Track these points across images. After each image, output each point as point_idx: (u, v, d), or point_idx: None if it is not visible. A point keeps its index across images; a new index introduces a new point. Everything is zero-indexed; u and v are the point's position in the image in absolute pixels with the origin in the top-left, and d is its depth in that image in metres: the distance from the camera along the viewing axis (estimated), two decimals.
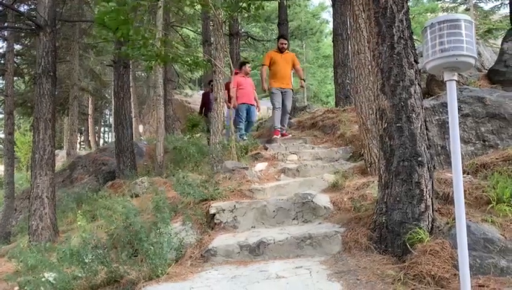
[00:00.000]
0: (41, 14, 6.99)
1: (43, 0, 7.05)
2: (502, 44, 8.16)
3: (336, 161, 6.30)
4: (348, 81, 9.31)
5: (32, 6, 14.21)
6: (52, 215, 6.87)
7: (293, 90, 8.75)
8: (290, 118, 10.02)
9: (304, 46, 30.31)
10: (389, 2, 3.27)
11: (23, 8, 14.29)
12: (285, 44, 8.46)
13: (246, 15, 9.85)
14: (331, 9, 11.07)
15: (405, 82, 3.20)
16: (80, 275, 3.73)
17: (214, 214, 4.39)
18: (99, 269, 3.71)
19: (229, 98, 8.74)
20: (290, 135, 8.45)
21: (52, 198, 6.92)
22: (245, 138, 8.71)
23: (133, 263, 3.65)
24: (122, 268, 3.62)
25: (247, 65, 9.42)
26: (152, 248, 3.39)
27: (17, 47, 15.21)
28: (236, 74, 9.38)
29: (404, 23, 3.28)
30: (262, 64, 8.60)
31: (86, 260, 3.68)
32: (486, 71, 8.32)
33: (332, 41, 10.48)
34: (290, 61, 8.37)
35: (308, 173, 5.77)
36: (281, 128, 8.34)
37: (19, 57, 15.67)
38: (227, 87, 9.11)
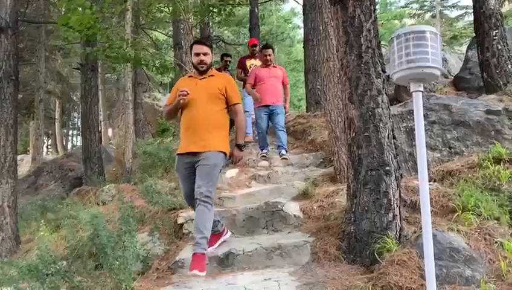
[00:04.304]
0: (2, 16, 6.70)
1: (4, 1, 6.76)
2: (466, 51, 8.42)
3: (307, 167, 6.29)
4: (318, 86, 9.34)
5: None
6: (14, 225, 6.57)
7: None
8: None
9: (276, 50, 30.44)
10: (357, 11, 3.28)
11: None
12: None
13: (217, 19, 9.74)
14: (302, 15, 11.13)
15: (372, 91, 3.21)
16: None
17: (182, 224, 4.30)
18: (61, 283, 3.55)
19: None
20: None
21: (13, 207, 6.62)
22: (265, 151, 6.68)
23: (97, 277, 3.51)
24: (86, 283, 3.47)
25: (268, 51, 6.67)
26: (117, 262, 3.26)
27: None
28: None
29: (372, 33, 3.29)
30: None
31: (46, 273, 3.51)
32: (452, 78, 8.55)
33: (303, 46, 10.52)
34: None
35: (279, 179, 5.74)
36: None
37: None
38: (241, 65, 7.88)
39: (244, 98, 7.66)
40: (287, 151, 6.46)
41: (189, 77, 3.96)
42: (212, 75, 3.83)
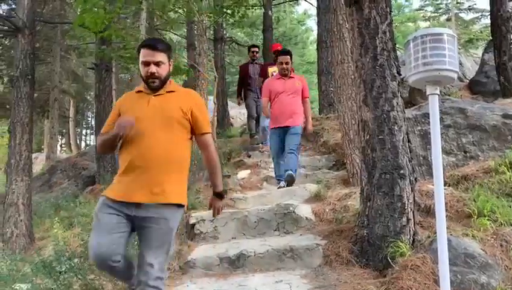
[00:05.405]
0: (19, 16, 6.82)
1: (22, 1, 6.89)
2: (482, 55, 8.30)
3: (319, 169, 6.27)
4: (331, 88, 9.26)
5: (13, 6, 13.92)
6: (28, 222, 6.67)
7: None
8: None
9: None
10: (373, 13, 3.26)
11: (1, 9, 13.99)
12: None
13: (230, 20, 9.75)
14: (315, 16, 11.10)
15: (388, 94, 3.18)
16: (53, 287, 3.60)
17: (194, 224, 4.30)
18: (74, 281, 3.59)
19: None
20: None
21: (28, 205, 6.72)
22: (282, 183, 5.16)
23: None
24: (98, 281, 3.50)
25: (285, 58, 5.43)
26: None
27: None
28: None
29: (388, 35, 3.26)
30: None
31: (59, 270, 3.55)
32: (468, 81, 8.45)
33: (317, 48, 10.48)
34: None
35: None
36: None
37: None
38: (263, 73, 7.59)
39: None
40: (292, 177, 5.01)
41: (138, 92, 2.57)
42: (172, 91, 2.55)
